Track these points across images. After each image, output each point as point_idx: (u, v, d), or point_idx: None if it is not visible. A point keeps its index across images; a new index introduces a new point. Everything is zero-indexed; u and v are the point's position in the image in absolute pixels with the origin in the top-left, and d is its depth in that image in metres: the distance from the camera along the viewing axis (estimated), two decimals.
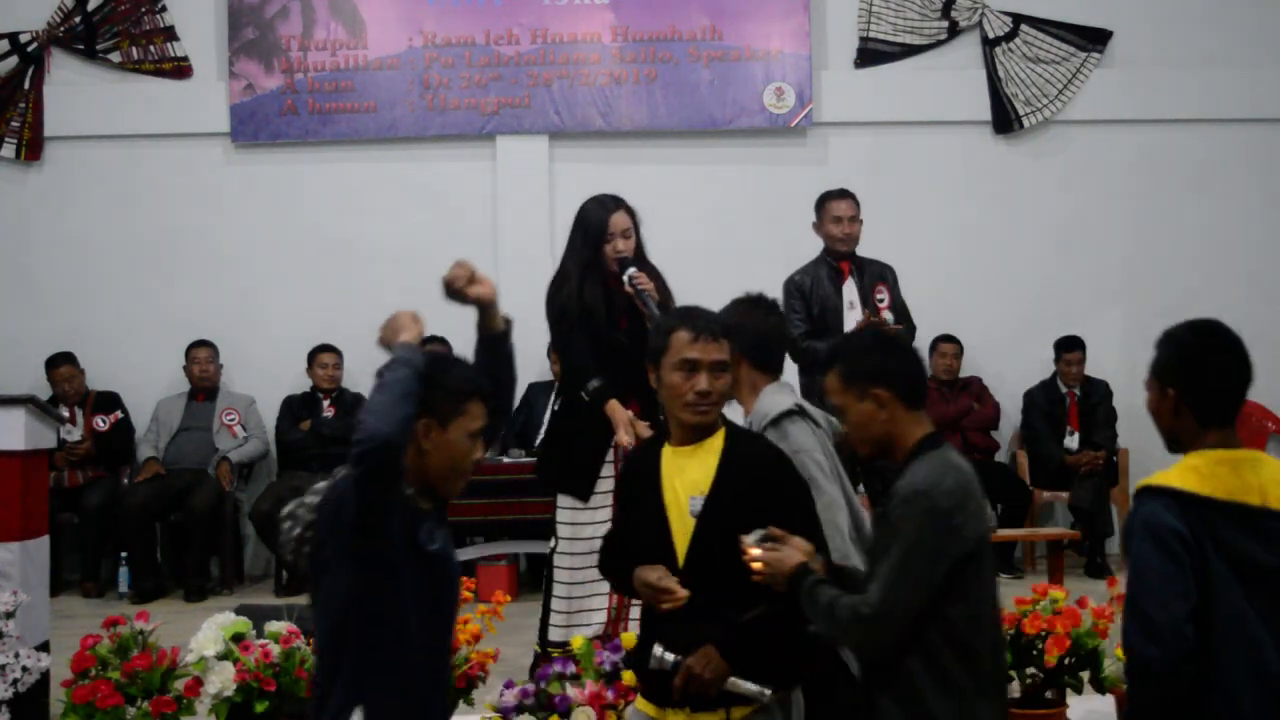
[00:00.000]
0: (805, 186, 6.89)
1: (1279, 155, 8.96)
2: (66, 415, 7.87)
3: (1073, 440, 8.50)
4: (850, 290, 6.33)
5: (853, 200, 6.43)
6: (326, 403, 8.32)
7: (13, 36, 8.66)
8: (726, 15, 8.76)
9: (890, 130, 8.87)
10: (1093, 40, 8.90)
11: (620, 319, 5.08)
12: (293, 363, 8.45)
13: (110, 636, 4.43)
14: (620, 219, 5.09)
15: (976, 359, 8.73)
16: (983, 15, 8.87)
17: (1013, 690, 4.62)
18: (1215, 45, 8.92)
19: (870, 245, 6.51)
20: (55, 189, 8.71)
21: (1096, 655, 4.50)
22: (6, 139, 8.64)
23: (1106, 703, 4.69)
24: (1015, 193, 8.91)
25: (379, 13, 8.74)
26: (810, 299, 6.29)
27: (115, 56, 8.71)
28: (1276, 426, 8.78)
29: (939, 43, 8.91)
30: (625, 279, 5.00)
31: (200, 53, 8.73)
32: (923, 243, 8.46)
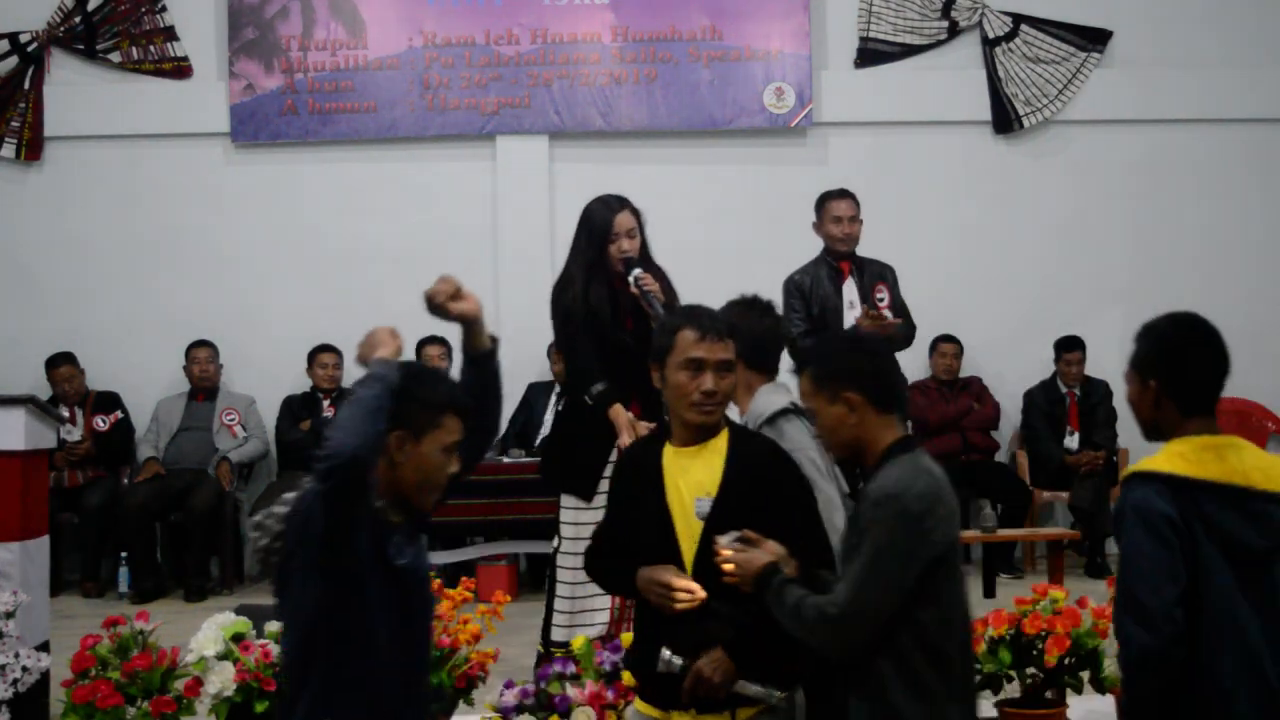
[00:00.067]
0: (805, 186, 6.88)
1: (1279, 155, 8.96)
2: (66, 415, 7.87)
3: (1073, 440, 8.50)
4: (850, 290, 6.33)
5: (853, 200, 6.42)
6: (326, 403, 8.31)
7: (13, 36, 8.65)
8: (726, 15, 8.76)
9: (890, 130, 8.87)
10: (1093, 40, 8.90)
11: (625, 320, 5.06)
12: (293, 363, 8.45)
13: (110, 636, 4.43)
14: (625, 218, 5.08)
15: (976, 359, 8.73)
16: (983, 15, 8.87)
17: (1013, 690, 4.63)
18: (1215, 45, 8.92)
19: (870, 245, 6.51)
20: (55, 189, 8.71)
21: (1096, 655, 4.50)
22: (6, 139, 8.64)
23: (1106, 703, 4.68)
24: (1015, 193, 8.91)
25: (379, 13, 8.74)
26: (810, 299, 6.29)
27: (115, 56, 8.71)
28: (1276, 426, 8.78)
29: (939, 43, 8.91)
30: (631, 280, 4.98)
31: (200, 53, 8.73)
32: (923, 243, 8.45)
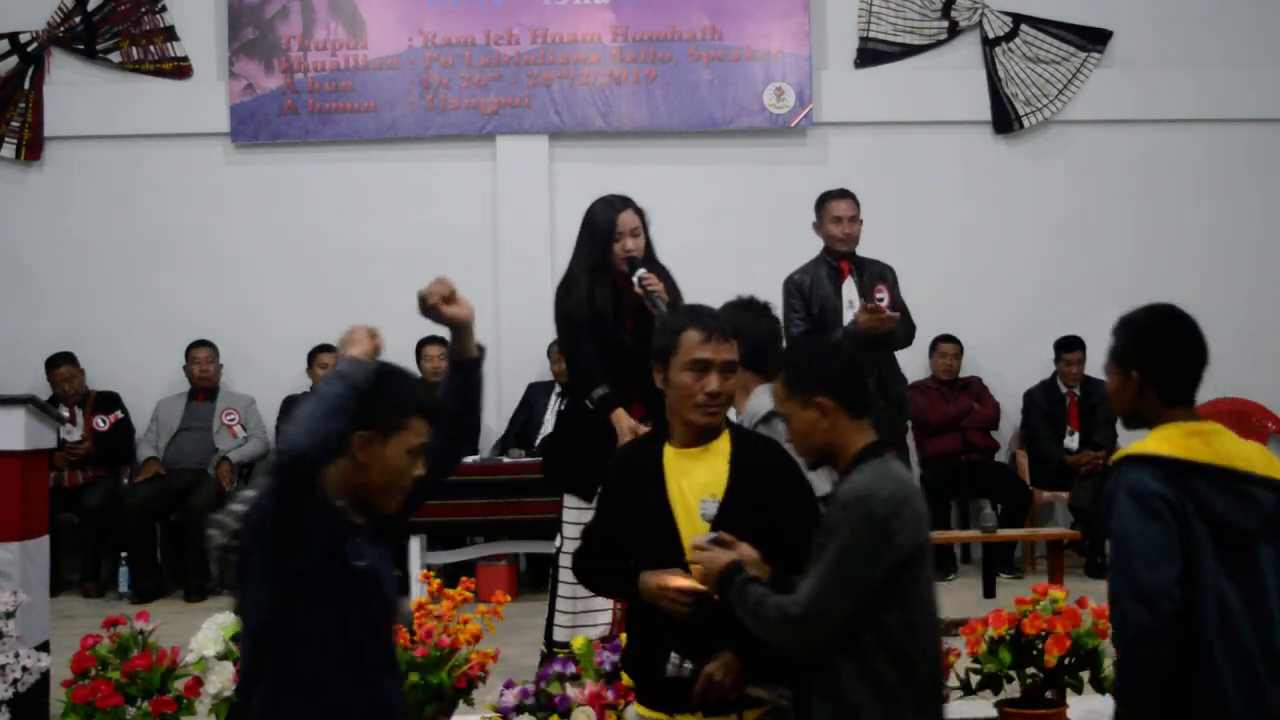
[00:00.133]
0: (805, 186, 6.87)
1: (1279, 155, 8.97)
2: (66, 415, 7.86)
3: (1073, 440, 8.50)
4: (850, 290, 6.33)
5: (853, 200, 6.42)
6: None
7: (13, 36, 8.65)
8: (726, 15, 8.76)
9: (890, 130, 8.87)
10: (1093, 40, 8.89)
11: (627, 319, 5.05)
12: (293, 363, 8.44)
13: (110, 636, 4.44)
14: (628, 218, 5.06)
15: (976, 359, 8.72)
16: (983, 15, 8.87)
17: (1013, 690, 4.63)
18: (1215, 45, 8.91)
19: (870, 245, 6.51)
20: (55, 189, 8.71)
21: (1096, 655, 4.50)
22: (6, 139, 8.64)
23: (1106, 703, 4.64)
24: (1015, 193, 8.91)
25: (379, 13, 8.74)
26: (810, 298, 6.29)
27: (115, 56, 8.71)
28: (1276, 426, 8.78)
29: (939, 43, 8.91)
30: (635, 280, 4.96)
31: (200, 53, 8.73)
32: (923, 243, 8.45)
